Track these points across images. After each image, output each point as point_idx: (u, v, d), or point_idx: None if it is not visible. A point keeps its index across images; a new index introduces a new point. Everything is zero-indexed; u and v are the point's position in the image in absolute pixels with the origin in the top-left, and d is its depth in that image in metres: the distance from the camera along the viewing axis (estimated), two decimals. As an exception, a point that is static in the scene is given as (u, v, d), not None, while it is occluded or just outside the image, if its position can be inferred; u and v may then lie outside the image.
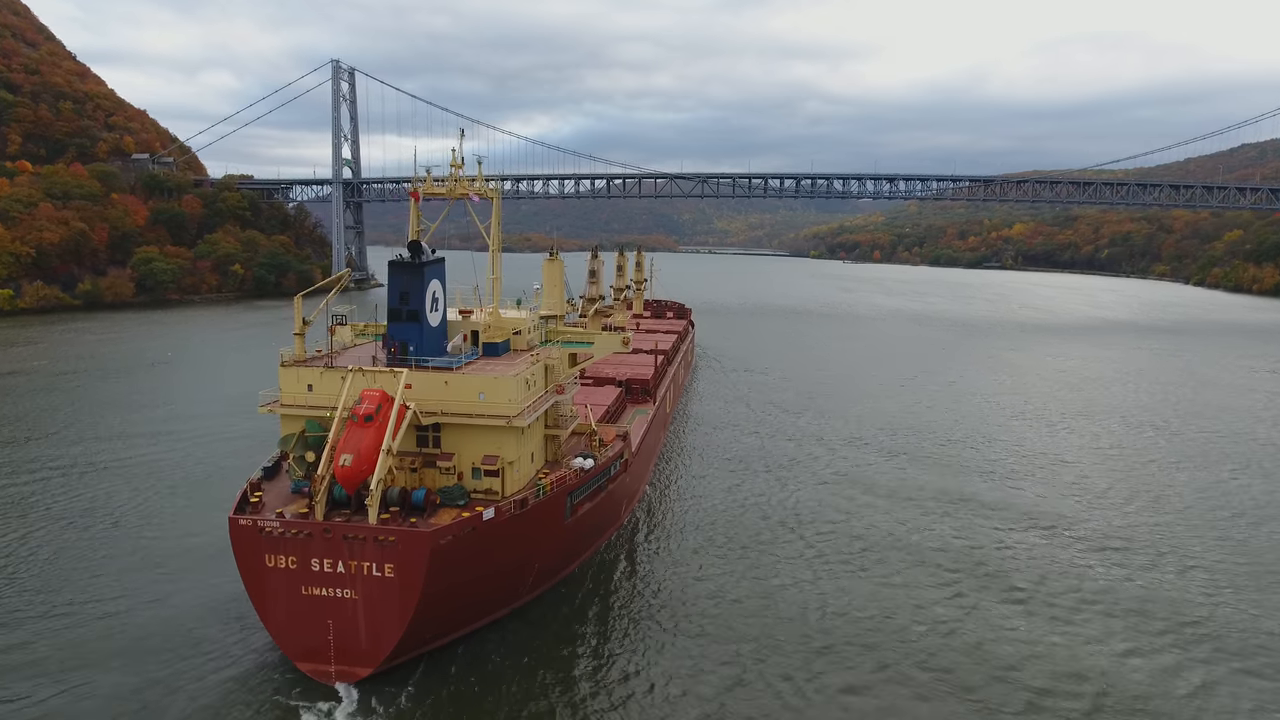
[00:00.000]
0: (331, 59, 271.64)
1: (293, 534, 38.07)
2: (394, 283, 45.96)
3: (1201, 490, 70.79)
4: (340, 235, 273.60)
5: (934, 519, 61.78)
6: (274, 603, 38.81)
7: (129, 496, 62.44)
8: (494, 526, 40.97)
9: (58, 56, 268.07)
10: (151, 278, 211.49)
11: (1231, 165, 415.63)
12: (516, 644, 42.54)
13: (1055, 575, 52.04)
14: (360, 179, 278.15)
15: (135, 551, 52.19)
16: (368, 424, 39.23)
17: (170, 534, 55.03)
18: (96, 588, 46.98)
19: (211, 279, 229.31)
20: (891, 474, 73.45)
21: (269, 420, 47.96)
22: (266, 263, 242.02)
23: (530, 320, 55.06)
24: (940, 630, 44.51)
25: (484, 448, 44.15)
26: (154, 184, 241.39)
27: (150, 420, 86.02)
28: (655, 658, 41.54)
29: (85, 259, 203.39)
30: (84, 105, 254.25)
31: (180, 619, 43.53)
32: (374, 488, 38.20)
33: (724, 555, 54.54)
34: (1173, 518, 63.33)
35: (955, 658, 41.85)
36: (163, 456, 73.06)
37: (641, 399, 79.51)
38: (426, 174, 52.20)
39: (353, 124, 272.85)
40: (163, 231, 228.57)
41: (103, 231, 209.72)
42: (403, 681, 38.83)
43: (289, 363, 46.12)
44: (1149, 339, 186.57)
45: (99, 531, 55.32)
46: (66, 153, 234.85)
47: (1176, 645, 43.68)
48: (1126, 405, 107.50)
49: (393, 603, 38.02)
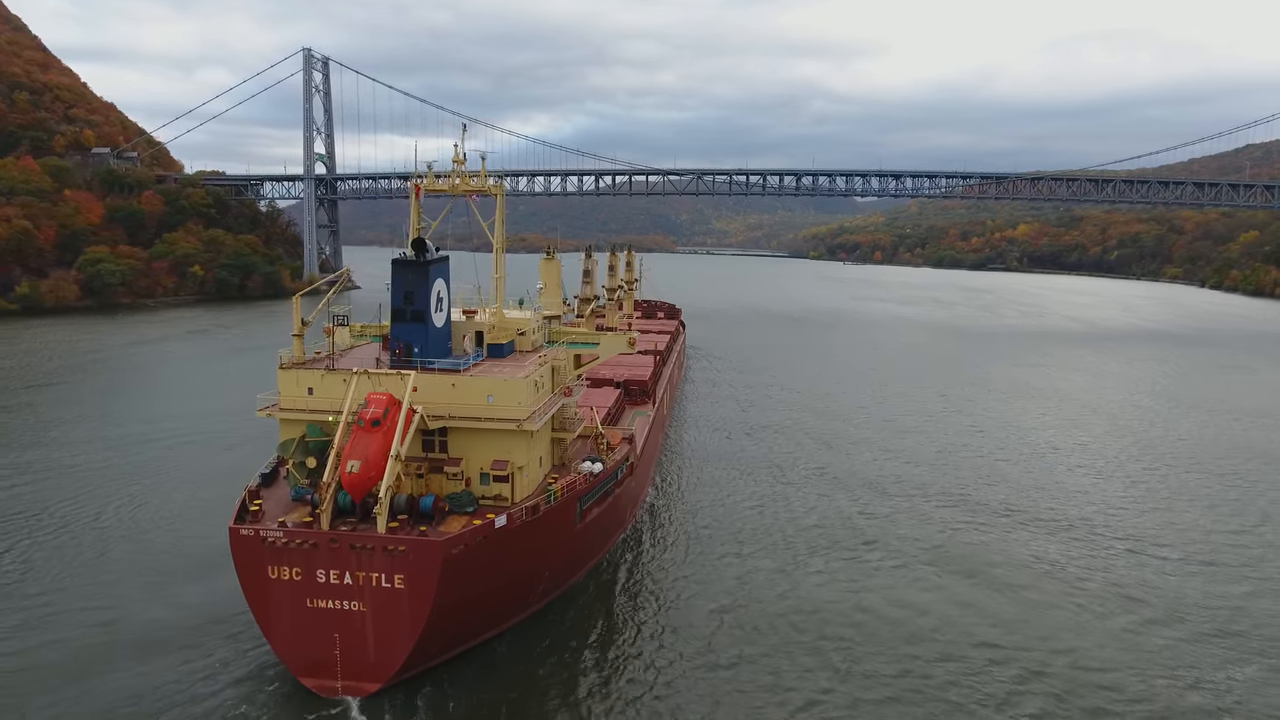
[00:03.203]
0: (303, 47, 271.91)
1: (297, 544, 38.52)
2: (398, 282, 46.57)
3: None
4: (312, 234, 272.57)
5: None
6: (277, 616, 39.23)
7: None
8: (506, 534, 41.63)
9: (19, 45, 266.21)
10: (99, 280, 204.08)
11: (1237, 165, 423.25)
12: (525, 656, 43.22)
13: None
14: (335, 175, 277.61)
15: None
16: (375, 428, 39.77)
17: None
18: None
19: (167, 281, 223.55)
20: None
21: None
22: (229, 264, 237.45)
23: (534, 320, 55.92)
24: (953, 629, 45.72)
25: (493, 452, 44.82)
26: (112, 180, 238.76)
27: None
28: (665, 667, 42.41)
29: (29, 260, 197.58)
30: (42, 96, 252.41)
31: (176, 633, 43.84)
32: (383, 495, 38.74)
33: (730, 559, 55.95)
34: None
35: (972, 652, 43.11)
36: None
37: (640, 400, 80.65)
38: (428, 169, 52.90)
39: (326, 117, 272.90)
40: (119, 231, 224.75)
41: (50, 230, 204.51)
42: (411, 695, 39.36)
43: (288, 365, 46.59)
44: (1227, 354, 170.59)
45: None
46: (20, 146, 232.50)
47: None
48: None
49: (403, 615, 38.55)
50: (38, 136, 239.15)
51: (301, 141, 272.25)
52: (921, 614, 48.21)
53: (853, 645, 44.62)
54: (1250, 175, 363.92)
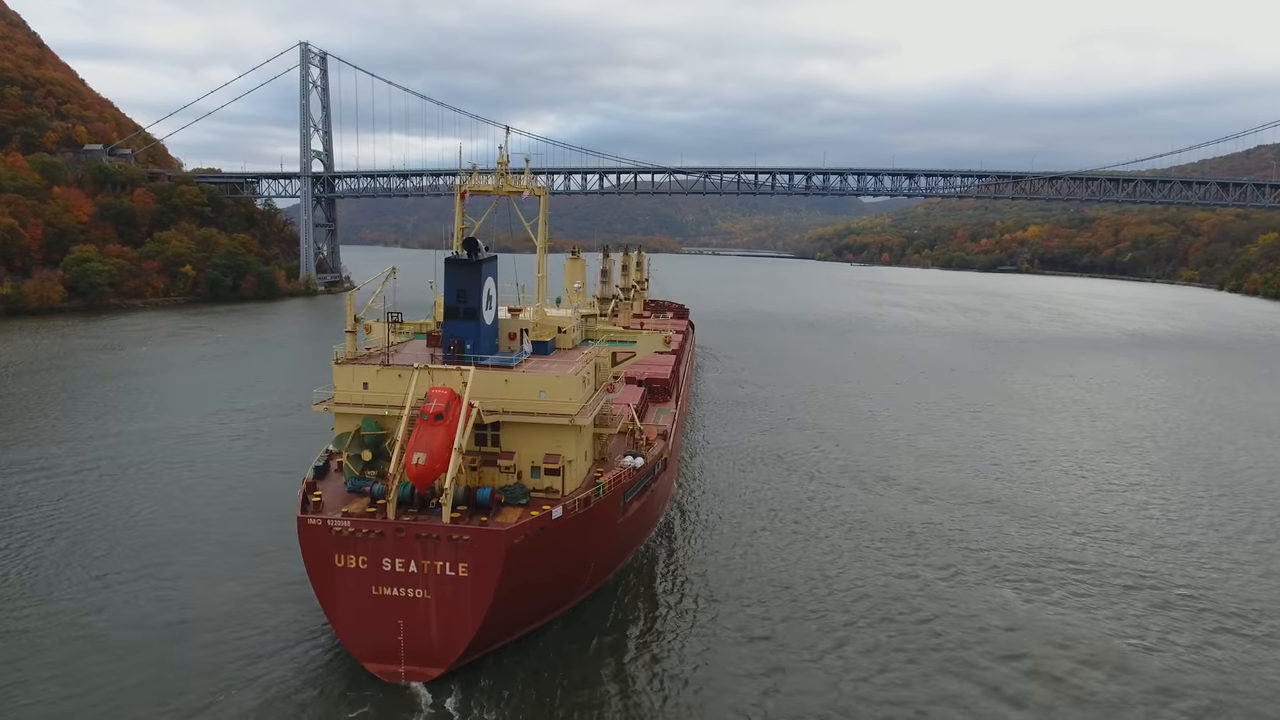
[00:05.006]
0: (300, 41, 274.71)
1: (364, 533, 41.22)
2: (450, 280, 49.40)
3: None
4: (309, 233, 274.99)
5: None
6: (343, 603, 41.93)
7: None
8: (561, 525, 44.45)
9: (12, 40, 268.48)
10: (85, 280, 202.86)
11: (1248, 167, 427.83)
12: (575, 642, 46.22)
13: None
14: (333, 172, 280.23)
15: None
16: (438, 422, 42.44)
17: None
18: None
19: (158, 281, 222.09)
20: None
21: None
22: (222, 264, 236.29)
23: (574, 319, 58.80)
24: (995, 617, 48.61)
25: (543, 446, 47.68)
26: (103, 177, 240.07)
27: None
28: (705, 651, 45.65)
29: (15, 259, 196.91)
30: (34, 92, 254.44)
31: (241, 618, 46.55)
32: (448, 486, 41.47)
33: (758, 549, 59.62)
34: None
35: (1018, 643, 45.91)
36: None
37: (662, 398, 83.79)
38: (472, 169, 55.77)
39: (325, 113, 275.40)
40: (109, 230, 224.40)
41: (37, 228, 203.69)
42: (471, 680, 42.05)
43: (343, 361, 49.33)
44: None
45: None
46: (10, 142, 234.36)
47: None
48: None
49: (465, 602, 41.28)
50: (29, 133, 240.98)
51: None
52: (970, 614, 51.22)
53: (902, 631, 47.77)
54: (1261, 176, 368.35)
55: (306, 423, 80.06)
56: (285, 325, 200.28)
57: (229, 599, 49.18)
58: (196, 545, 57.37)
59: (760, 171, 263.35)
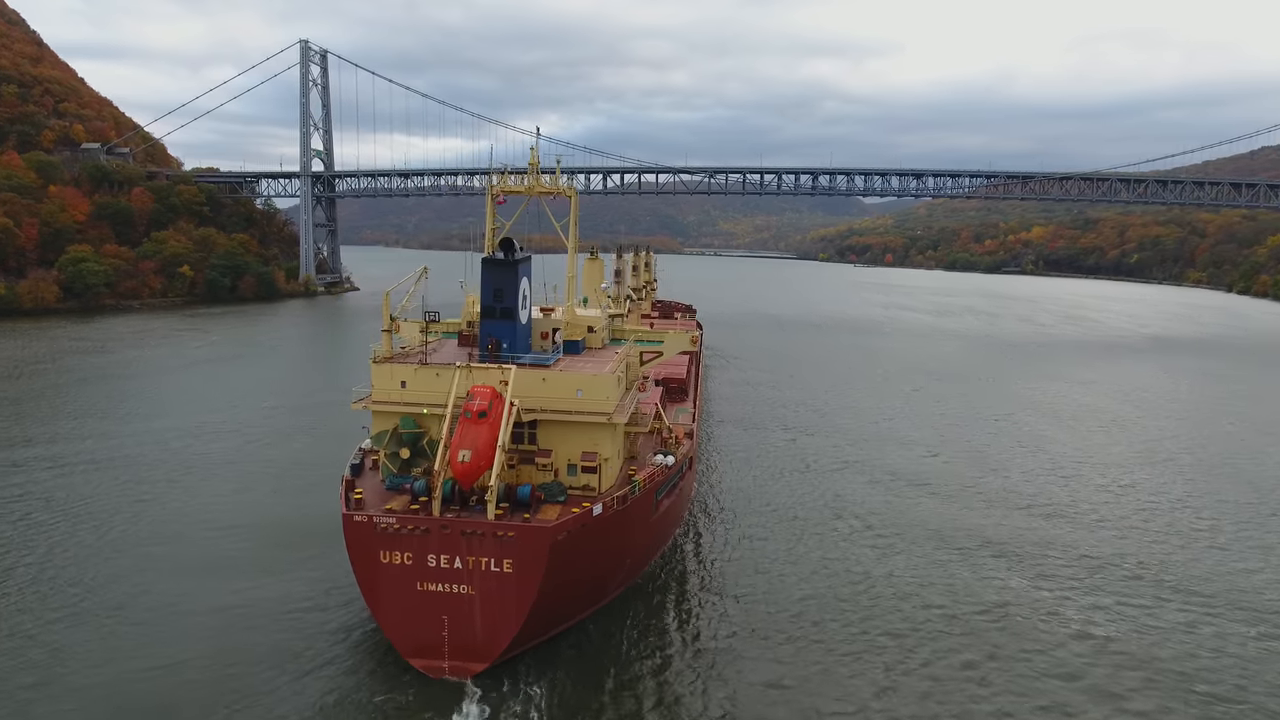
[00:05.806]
0: (300, 39, 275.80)
1: (409, 530, 42.35)
2: (487, 279, 50.65)
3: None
4: (308, 233, 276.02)
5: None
6: (388, 599, 43.04)
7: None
8: (601, 522, 45.66)
9: (9, 39, 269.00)
10: (80, 280, 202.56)
11: (1253, 169, 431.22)
12: (612, 637, 47.53)
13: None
14: (333, 172, 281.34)
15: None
16: (481, 420, 43.58)
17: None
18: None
19: (155, 282, 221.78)
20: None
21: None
22: (220, 264, 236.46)
23: (602, 319, 60.11)
24: (1015, 613, 49.81)
25: (580, 444, 48.91)
26: (100, 176, 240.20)
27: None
28: (738, 646, 46.83)
29: (10, 259, 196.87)
30: (31, 90, 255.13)
31: (279, 617, 47.69)
32: (493, 483, 42.63)
33: (787, 550, 60.90)
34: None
35: (1046, 639, 47.13)
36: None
37: (679, 397, 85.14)
38: (503, 170, 57.04)
39: (325, 111, 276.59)
40: (106, 229, 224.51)
41: (32, 228, 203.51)
42: (514, 676, 43.17)
43: (381, 359, 50.51)
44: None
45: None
46: (6, 140, 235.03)
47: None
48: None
49: (510, 598, 42.41)
50: (25, 131, 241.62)
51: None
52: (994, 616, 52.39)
53: (936, 631, 48.99)
54: (1270, 177, 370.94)
55: (308, 431, 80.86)
56: (284, 327, 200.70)
57: (272, 595, 50.38)
58: (245, 538, 58.96)
59: (766, 171, 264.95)
